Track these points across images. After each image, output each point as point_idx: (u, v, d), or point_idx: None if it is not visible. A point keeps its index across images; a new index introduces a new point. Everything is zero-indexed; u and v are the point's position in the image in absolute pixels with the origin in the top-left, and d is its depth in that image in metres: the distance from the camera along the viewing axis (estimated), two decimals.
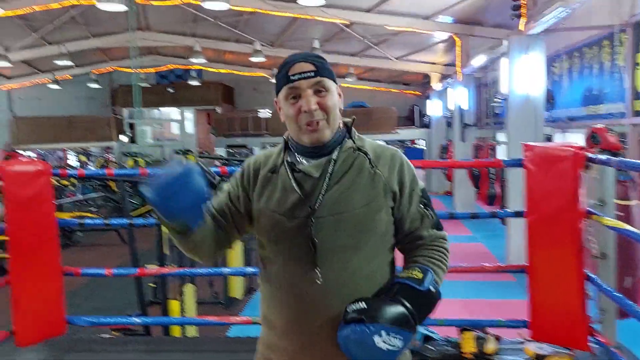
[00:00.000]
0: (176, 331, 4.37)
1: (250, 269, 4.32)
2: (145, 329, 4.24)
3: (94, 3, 8.73)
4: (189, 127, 21.16)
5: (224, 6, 8.24)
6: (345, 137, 1.46)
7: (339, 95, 1.46)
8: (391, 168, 1.44)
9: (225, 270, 5.19)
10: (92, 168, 16.83)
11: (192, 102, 20.15)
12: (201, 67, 18.68)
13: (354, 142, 1.46)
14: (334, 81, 1.45)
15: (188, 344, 3.70)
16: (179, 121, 21.36)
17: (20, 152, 14.72)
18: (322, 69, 1.41)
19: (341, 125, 1.47)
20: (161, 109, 21.19)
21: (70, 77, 18.57)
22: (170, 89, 20.10)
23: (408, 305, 1.29)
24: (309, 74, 1.39)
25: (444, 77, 15.30)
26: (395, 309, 1.28)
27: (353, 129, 1.49)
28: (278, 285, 1.43)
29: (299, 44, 13.97)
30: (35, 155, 17.85)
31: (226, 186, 1.56)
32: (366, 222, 1.39)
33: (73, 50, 14.58)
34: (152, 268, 4.18)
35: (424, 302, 1.33)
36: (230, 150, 19.08)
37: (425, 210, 1.46)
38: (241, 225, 1.53)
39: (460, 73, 12.11)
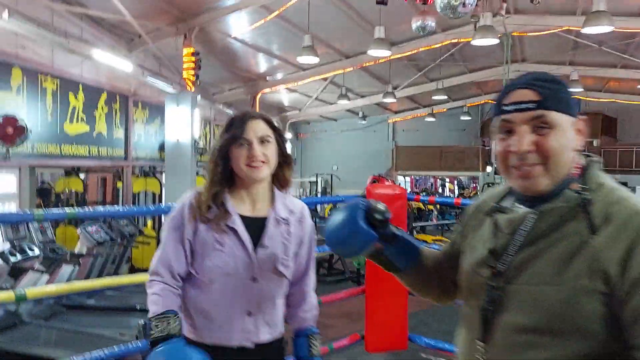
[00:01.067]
0: None
1: None
2: None
3: (470, 40, 9.14)
4: None
5: (607, 29, 7.41)
6: (571, 185, 1.07)
7: (578, 131, 1.09)
8: (618, 236, 0.97)
9: None
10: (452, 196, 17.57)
11: None
12: (579, 97, 17.35)
13: (581, 194, 1.04)
14: (570, 114, 1.07)
15: None
16: None
17: (390, 177, 16.43)
18: (549, 99, 1.05)
19: (574, 170, 1.09)
20: None
21: (445, 110, 20.01)
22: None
23: None
24: (527, 105, 1.06)
25: None
26: None
27: (593, 173, 1.09)
28: (459, 338, 1.24)
29: None
30: (408, 180, 19.85)
31: None
32: (554, 304, 0.99)
33: (449, 86, 15.68)
34: None
35: None
36: None
37: None
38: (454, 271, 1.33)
39: None
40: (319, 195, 17.79)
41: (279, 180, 1.73)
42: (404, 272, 1.38)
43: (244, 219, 1.65)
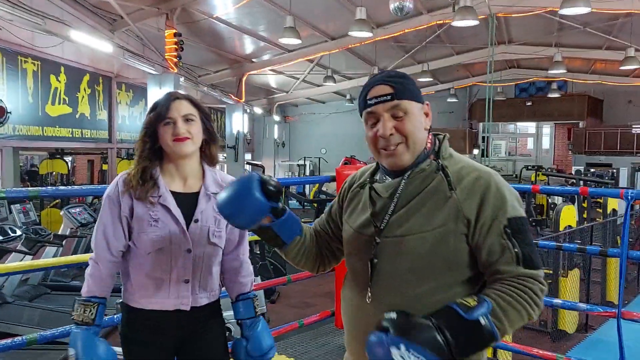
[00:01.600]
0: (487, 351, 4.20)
1: (583, 306, 3.82)
2: None
3: (449, 21, 9.14)
4: (546, 142, 20.02)
5: (585, 10, 7.45)
6: (430, 157, 1.37)
7: (426, 114, 1.38)
8: (471, 192, 1.29)
9: (556, 301, 4.69)
10: None
11: (551, 116, 18.94)
12: (565, 79, 17.42)
13: (439, 162, 1.35)
14: (418, 101, 1.36)
15: None
16: (535, 136, 20.44)
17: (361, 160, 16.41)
18: (402, 91, 1.33)
19: (428, 144, 1.39)
20: (518, 123, 20.69)
21: (433, 93, 20.03)
22: (528, 102, 19.41)
23: (443, 329, 1.16)
24: (385, 97, 1.33)
25: None
26: (426, 330, 1.16)
27: (445, 146, 1.40)
28: (344, 297, 1.47)
29: None
30: None
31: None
32: (430, 248, 1.28)
33: (437, 68, 15.68)
34: None
35: (468, 332, 1.16)
36: (592, 170, 17.16)
37: (508, 242, 1.25)
38: (337, 241, 1.56)
39: None
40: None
41: (207, 156, 1.83)
42: (288, 245, 1.52)
43: (176, 195, 1.75)
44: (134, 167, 1.75)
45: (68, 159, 13.38)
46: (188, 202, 1.76)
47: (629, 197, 2.69)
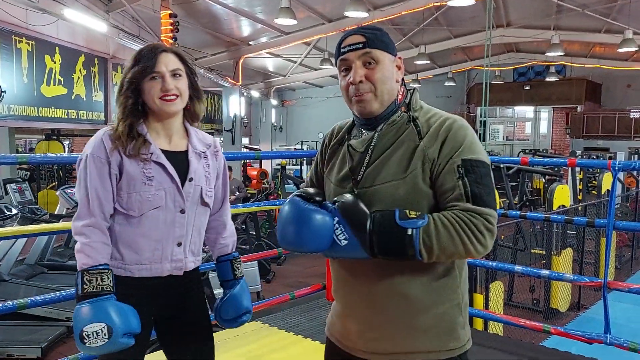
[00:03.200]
0: (478, 324, 4.28)
1: (569, 277, 3.87)
2: None
3: (446, 3, 9.08)
4: (544, 126, 20.00)
5: None
6: (400, 109, 1.42)
7: (398, 67, 1.42)
8: (434, 136, 1.35)
9: (544, 272, 4.74)
10: None
11: (549, 100, 18.88)
12: (564, 63, 17.34)
13: (410, 114, 1.41)
14: (390, 52, 1.40)
15: (494, 340, 3.57)
16: (533, 120, 20.41)
17: None
18: (374, 41, 1.38)
19: (400, 96, 1.43)
20: (516, 107, 20.66)
21: (431, 77, 19.96)
22: (526, 86, 19.35)
23: (376, 223, 1.27)
24: (357, 45, 1.38)
25: None
26: (362, 216, 1.29)
27: (415, 98, 1.45)
28: None
29: None
30: None
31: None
32: (404, 194, 1.33)
33: (435, 51, 15.60)
34: None
35: (392, 235, 1.26)
36: (589, 155, 17.19)
37: (459, 181, 1.30)
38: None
39: None
40: (304, 163, 17.85)
41: (190, 114, 1.74)
42: None
43: (165, 153, 1.66)
44: (118, 123, 1.63)
45: (66, 142, 13.38)
46: (177, 161, 1.67)
47: (616, 169, 2.73)
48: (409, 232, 1.25)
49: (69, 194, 7.31)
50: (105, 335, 1.49)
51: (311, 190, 1.40)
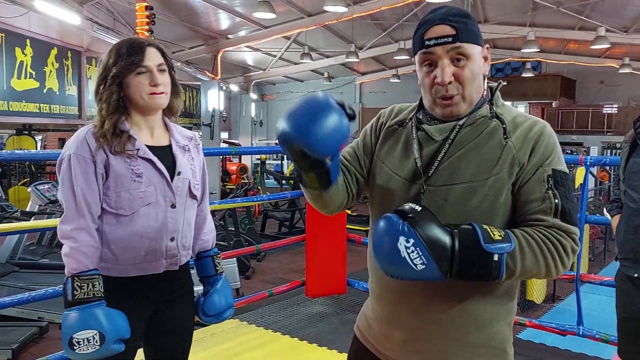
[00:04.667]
0: None
1: None
2: None
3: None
4: None
5: None
6: (485, 104, 1.27)
7: (485, 58, 1.26)
8: (525, 139, 1.21)
9: None
10: None
11: (526, 96, 19.15)
12: (539, 59, 17.56)
13: (493, 109, 1.26)
14: (479, 44, 1.24)
15: None
16: None
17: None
18: (464, 32, 1.20)
19: (484, 93, 1.28)
20: None
21: (412, 72, 20.03)
22: (503, 82, 19.53)
23: (456, 242, 1.10)
24: (446, 39, 1.19)
25: None
26: (442, 235, 1.10)
27: (497, 94, 1.30)
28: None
29: None
30: None
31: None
32: (483, 198, 1.19)
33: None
34: None
35: (476, 259, 1.10)
36: (564, 149, 17.46)
37: (549, 191, 1.17)
38: (361, 178, 1.40)
39: None
40: (284, 157, 17.77)
41: (169, 109, 1.74)
42: (331, 185, 1.29)
43: (149, 148, 1.64)
44: (102, 120, 1.59)
45: (38, 137, 13.07)
46: (162, 156, 1.66)
47: (588, 164, 2.76)
48: (495, 257, 1.11)
49: (41, 191, 7.14)
50: (97, 342, 1.48)
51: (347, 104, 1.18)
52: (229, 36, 13.86)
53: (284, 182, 13.42)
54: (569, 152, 11.58)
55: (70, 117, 10.20)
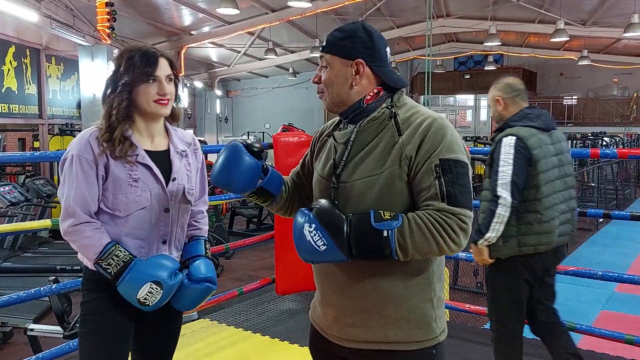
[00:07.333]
0: None
1: None
2: None
3: None
4: (484, 114, 20.67)
5: None
6: (382, 106, 1.44)
7: (357, 71, 1.42)
8: (413, 134, 1.37)
9: None
10: None
11: (488, 89, 19.21)
12: (501, 52, 17.94)
13: (392, 110, 1.42)
14: (344, 57, 1.43)
15: None
16: (473, 108, 21.05)
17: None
18: (331, 45, 1.45)
19: (368, 97, 1.44)
20: (457, 96, 21.20)
21: None
22: (466, 75, 19.90)
23: (353, 226, 1.30)
24: (320, 49, 1.49)
25: None
26: (338, 220, 1.31)
27: (398, 96, 1.46)
28: None
29: (617, 21, 12.08)
30: None
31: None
32: (379, 190, 1.36)
33: None
34: None
35: (369, 237, 1.29)
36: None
37: (435, 181, 1.32)
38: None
39: None
40: None
41: (172, 115, 1.81)
42: (276, 197, 1.60)
43: (149, 153, 1.71)
44: (108, 126, 1.66)
45: None
46: (160, 161, 1.74)
47: None
48: (385, 233, 1.28)
49: (2, 193, 6.94)
50: (157, 289, 1.61)
51: (255, 142, 1.54)
52: (193, 32, 13.69)
53: None
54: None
55: (30, 117, 9.92)
